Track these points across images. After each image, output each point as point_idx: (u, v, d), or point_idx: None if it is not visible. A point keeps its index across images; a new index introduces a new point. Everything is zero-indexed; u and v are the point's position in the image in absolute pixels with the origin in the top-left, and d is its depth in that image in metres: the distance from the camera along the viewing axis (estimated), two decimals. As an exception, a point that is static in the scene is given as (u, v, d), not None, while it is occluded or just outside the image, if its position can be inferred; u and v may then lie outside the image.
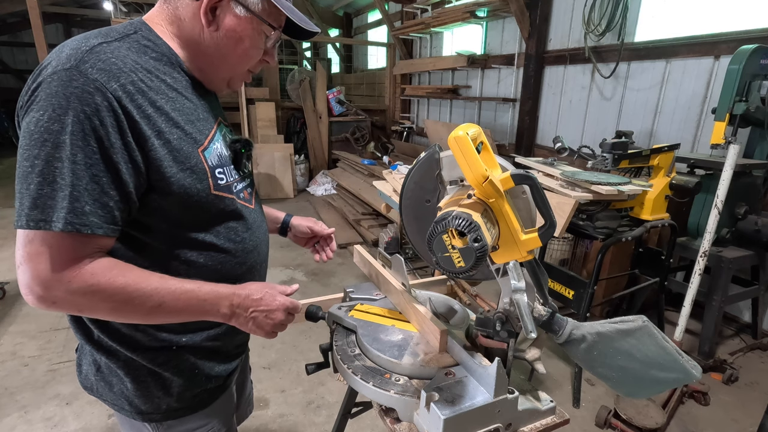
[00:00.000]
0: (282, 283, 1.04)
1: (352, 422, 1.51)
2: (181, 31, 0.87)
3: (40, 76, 0.74)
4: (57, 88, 0.71)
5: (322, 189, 6.98)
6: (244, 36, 0.87)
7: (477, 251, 0.72)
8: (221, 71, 0.93)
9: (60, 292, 0.73)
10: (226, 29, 0.85)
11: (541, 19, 4.57)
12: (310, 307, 1.22)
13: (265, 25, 0.88)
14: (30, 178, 0.71)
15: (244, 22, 0.85)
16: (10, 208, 5.80)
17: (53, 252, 0.72)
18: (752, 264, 2.89)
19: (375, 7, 7.98)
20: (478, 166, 0.77)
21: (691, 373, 0.89)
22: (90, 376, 0.97)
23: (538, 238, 0.80)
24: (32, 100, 0.73)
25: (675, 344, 0.91)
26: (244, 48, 0.88)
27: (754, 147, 2.83)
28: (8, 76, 12.22)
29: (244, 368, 1.30)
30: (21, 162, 0.72)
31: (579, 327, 0.92)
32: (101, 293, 0.75)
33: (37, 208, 0.71)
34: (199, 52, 0.89)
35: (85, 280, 0.74)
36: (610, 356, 0.91)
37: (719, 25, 3.27)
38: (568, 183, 2.53)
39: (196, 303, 0.84)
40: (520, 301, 0.84)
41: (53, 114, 0.71)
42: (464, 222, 0.72)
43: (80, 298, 0.75)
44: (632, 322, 0.91)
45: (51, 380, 2.53)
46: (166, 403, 0.96)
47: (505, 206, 0.80)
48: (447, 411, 0.80)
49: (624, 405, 2.24)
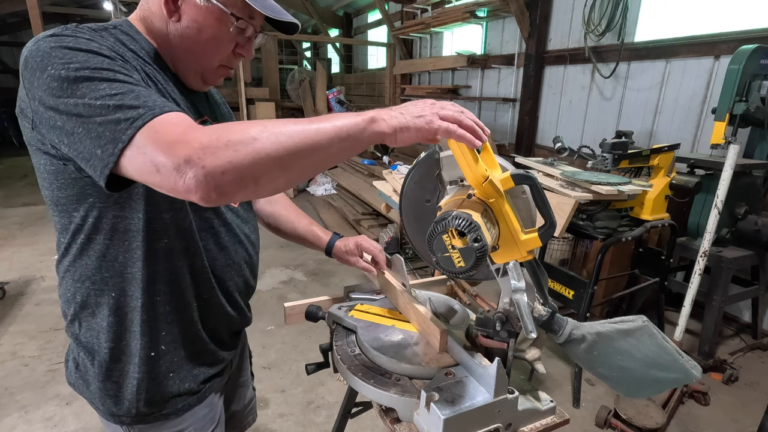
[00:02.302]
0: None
1: (352, 422, 1.50)
2: (151, 24, 0.87)
3: (21, 58, 0.72)
4: (48, 43, 0.70)
5: (322, 189, 6.98)
6: (205, 25, 0.85)
7: (477, 251, 0.72)
8: (190, 64, 0.90)
9: (206, 139, 0.63)
10: (188, 19, 0.84)
11: (541, 19, 4.57)
12: (310, 307, 1.22)
13: (230, 17, 0.85)
14: (98, 107, 0.66)
15: (205, 11, 0.84)
16: (10, 208, 5.80)
17: (175, 121, 0.66)
18: (752, 264, 2.89)
19: (375, 7, 7.98)
20: (478, 166, 0.77)
21: (691, 373, 0.89)
22: (72, 372, 0.97)
23: (538, 238, 0.80)
24: (28, 70, 0.71)
25: (675, 344, 0.91)
26: (207, 38, 0.86)
27: (754, 147, 2.83)
28: (8, 76, 12.22)
29: (235, 379, 1.25)
30: (70, 107, 0.67)
31: (579, 327, 0.92)
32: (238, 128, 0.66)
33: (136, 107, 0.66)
34: (168, 45, 0.87)
35: (215, 127, 0.66)
36: (610, 356, 0.91)
37: (719, 25, 3.27)
38: (568, 183, 2.53)
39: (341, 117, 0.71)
40: (520, 301, 0.84)
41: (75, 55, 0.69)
42: (464, 222, 0.72)
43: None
44: (632, 322, 0.91)
45: (51, 380, 2.53)
46: (137, 408, 0.93)
47: (505, 206, 0.80)
48: (447, 411, 0.80)
49: (624, 405, 2.24)
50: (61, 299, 0.94)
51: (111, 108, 0.65)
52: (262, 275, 3.98)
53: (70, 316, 0.92)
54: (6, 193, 6.57)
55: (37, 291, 3.61)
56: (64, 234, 0.87)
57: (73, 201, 0.82)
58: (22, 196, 6.40)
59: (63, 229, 0.86)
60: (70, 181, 0.79)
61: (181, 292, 0.92)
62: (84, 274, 0.87)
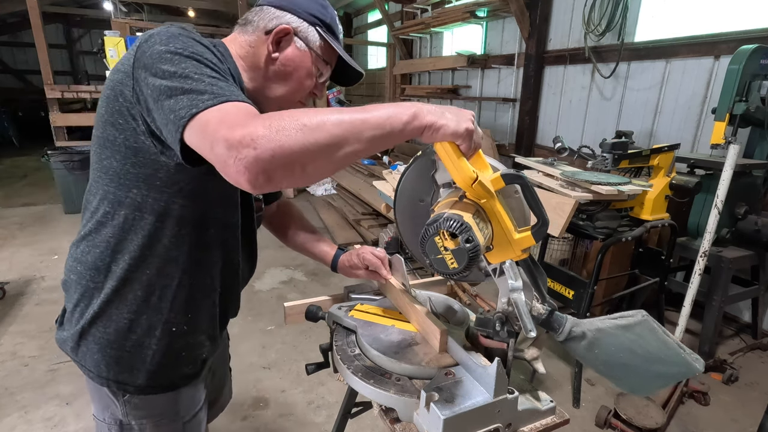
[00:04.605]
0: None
1: (352, 422, 1.51)
2: (247, 55, 0.97)
3: (137, 43, 0.81)
4: (167, 30, 0.80)
5: (322, 189, 6.97)
6: (300, 66, 0.98)
7: (469, 252, 0.72)
8: (275, 97, 1.01)
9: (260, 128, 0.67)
10: (287, 58, 0.96)
11: (541, 19, 4.57)
12: (310, 307, 1.22)
13: (320, 61, 1.00)
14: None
15: (303, 55, 0.97)
16: (10, 208, 5.80)
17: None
18: (752, 264, 2.89)
19: (375, 7, 7.98)
20: (465, 168, 0.77)
21: (694, 366, 0.88)
22: (77, 335, 0.98)
23: (531, 236, 0.81)
24: (142, 49, 0.79)
25: (674, 341, 0.91)
26: (299, 77, 0.99)
27: (754, 147, 2.83)
28: (8, 76, 12.21)
29: (223, 357, 1.35)
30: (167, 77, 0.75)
31: (579, 324, 0.92)
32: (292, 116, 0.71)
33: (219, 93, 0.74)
34: (259, 77, 0.98)
35: (269, 115, 0.71)
36: (612, 353, 0.90)
37: (719, 25, 3.27)
38: (568, 183, 2.53)
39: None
40: (518, 300, 0.85)
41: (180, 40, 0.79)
42: (455, 223, 0.73)
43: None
44: (632, 317, 0.90)
45: (51, 380, 2.53)
46: (145, 378, 0.98)
47: (497, 206, 0.80)
48: (447, 411, 0.80)
49: (624, 405, 2.24)
50: (85, 266, 0.95)
51: (203, 82, 0.73)
52: (262, 275, 3.98)
53: (93, 283, 0.94)
54: (6, 193, 6.57)
55: (37, 291, 3.61)
56: (112, 205, 0.90)
57: (140, 179, 0.87)
58: (22, 196, 6.40)
59: (115, 201, 0.90)
60: (149, 161, 0.85)
61: (212, 279, 1.01)
62: (126, 248, 0.91)
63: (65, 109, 6.07)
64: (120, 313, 0.94)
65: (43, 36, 5.58)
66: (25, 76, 12.30)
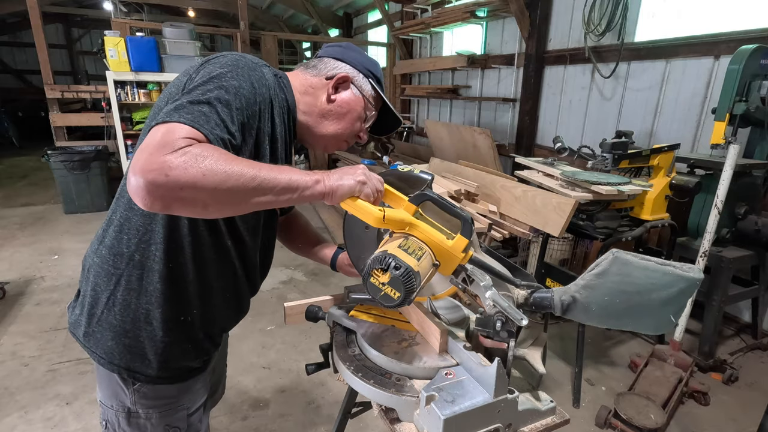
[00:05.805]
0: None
1: (352, 422, 1.51)
2: (307, 93, 1.08)
3: (212, 56, 0.92)
4: (232, 57, 0.92)
5: (322, 189, 6.97)
6: (353, 109, 1.10)
7: (402, 277, 0.79)
8: (326, 134, 1.10)
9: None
10: (343, 101, 1.09)
11: (541, 19, 4.57)
12: (310, 307, 1.23)
13: (369, 106, 1.13)
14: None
15: (357, 100, 1.11)
16: (10, 208, 5.80)
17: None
18: (752, 264, 2.89)
19: (375, 7, 7.97)
20: (370, 212, 0.86)
21: (690, 276, 0.84)
22: (92, 320, 1.01)
23: (462, 237, 0.88)
24: (207, 62, 0.90)
25: (656, 263, 0.86)
26: (351, 119, 1.11)
27: (754, 147, 2.83)
28: (8, 76, 12.21)
29: (223, 354, 1.40)
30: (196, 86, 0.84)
31: (565, 291, 0.92)
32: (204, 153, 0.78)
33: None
34: (314, 115, 1.09)
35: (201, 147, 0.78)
36: (608, 303, 0.88)
37: (719, 25, 3.27)
38: (568, 183, 2.53)
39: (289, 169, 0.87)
40: (494, 296, 0.86)
41: (229, 64, 0.89)
42: (380, 258, 0.80)
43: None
44: (604, 260, 0.88)
45: (51, 380, 2.53)
46: (153, 368, 1.01)
47: (421, 227, 0.89)
48: (447, 411, 0.80)
49: (624, 405, 2.24)
50: (110, 251, 0.98)
51: (191, 101, 0.80)
52: (262, 275, 3.98)
53: (114, 269, 0.97)
54: (6, 193, 6.56)
55: (37, 291, 3.61)
56: None
57: None
58: (22, 196, 6.40)
59: None
60: None
61: (228, 278, 1.07)
62: (152, 239, 0.95)
63: (65, 109, 6.06)
64: (139, 302, 0.98)
65: (43, 36, 5.58)
66: (25, 76, 12.30)
